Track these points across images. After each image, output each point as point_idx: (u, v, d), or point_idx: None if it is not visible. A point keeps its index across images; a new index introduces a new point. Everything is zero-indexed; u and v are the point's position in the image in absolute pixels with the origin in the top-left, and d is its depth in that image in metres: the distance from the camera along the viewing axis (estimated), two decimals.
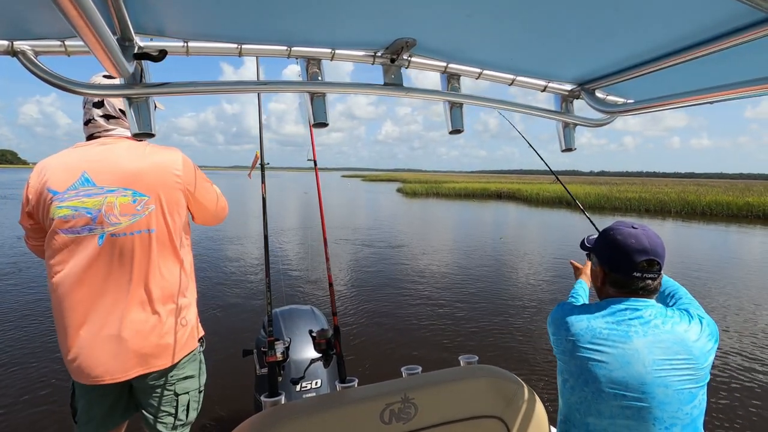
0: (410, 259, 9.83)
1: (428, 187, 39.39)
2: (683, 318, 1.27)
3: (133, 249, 1.55)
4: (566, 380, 1.28)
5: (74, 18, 0.57)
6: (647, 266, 1.26)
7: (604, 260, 1.34)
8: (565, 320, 1.32)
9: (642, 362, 1.18)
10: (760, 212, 21.81)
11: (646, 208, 24.45)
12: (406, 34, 1.00)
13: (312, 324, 2.38)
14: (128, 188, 1.55)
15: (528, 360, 4.56)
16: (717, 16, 0.83)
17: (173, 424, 1.71)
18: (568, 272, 8.23)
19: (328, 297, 2.21)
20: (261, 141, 2.33)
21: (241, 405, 3.40)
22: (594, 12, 0.86)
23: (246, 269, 8.52)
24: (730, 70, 1.06)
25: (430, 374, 1.33)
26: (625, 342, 1.21)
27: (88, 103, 1.64)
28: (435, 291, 7.11)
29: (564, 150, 1.39)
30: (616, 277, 1.30)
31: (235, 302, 6.36)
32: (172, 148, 1.69)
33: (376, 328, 5.36)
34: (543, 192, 31.61)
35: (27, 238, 1.70)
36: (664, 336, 1.21)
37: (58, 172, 1.54)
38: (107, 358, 1.53)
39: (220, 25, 0.94)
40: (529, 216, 21.11)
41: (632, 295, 1.29)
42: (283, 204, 24.94)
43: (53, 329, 1.61)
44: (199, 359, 1.78)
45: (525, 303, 6.54)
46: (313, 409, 1.15)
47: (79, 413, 1.67)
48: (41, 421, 3.35)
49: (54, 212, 1.51)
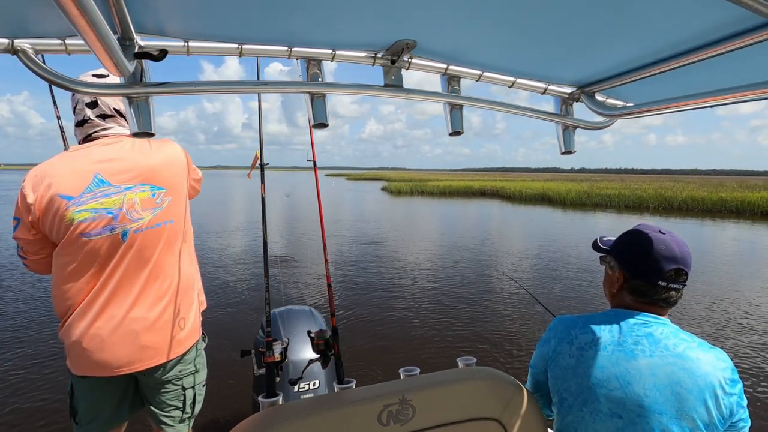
0: (409, 258, 9.78)
1: (413, 186, 39.37)
2: (703, 345, 1.11)
3: (157, 242, 1.58)
4: (564, 399, 1.20)
5: (75, 17, 0.56)
6: (674, 276, 1.13)
7: (626, 265, 1.20)
8: (569, 334, 1.22)
9: (642, 384, 1.08)
10: (733, 207, 22.30)
11: (626, 204, 24.82)
12: (407, 36, 0.99)
13: (310, 325, 2.37)
14: (146, 183, 1.57)
15: (527, 362, 4.51)
16: (717, 20, 0.82)
17: (180, 417, 1.73)
18: (568, 272, 8.30)
19: (326, 297, 2.19)
20: (261, 141, 2.32)
21: (239, 405, 3.39)
22: (595, 15, 0.85)
23: (244, 269, 8.44)
24: (731, 74, 1.06)
25: (428, 376, 1.31)
26: (629, 361, 1.10)
27: (80, 103, 1.60)
28: (434, 291, 7.06)
29: (564, 152, 1.37)
30: (637, 284, 1.17)
31: (234, 302, 6.30)
32: (169, 141, 1.72)
33: (375, 329, 5.32)
34: (526, 189, 31.93)
35: (25, 254, 1.59)
36: (672, 359, 1.08)
37: (67, 176, 1.49)
38: (127, 352, 1.53)
39: (220, 25, 0.92)
40: (518, 214, 21.26)
41: (651, 306, 1.17)
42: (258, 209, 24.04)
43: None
44: (203, 353, 1.81)
45: (525, 303, 6.52)
46: (310, 410, 1.13)
47: (82, 412, 1.63)
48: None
49: (72, 217, 1.47)
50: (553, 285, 7.56)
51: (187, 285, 1.69)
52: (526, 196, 30.46)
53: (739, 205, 22.26)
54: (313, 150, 2.41)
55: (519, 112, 1.25)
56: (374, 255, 10.10)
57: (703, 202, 23.46)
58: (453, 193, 35.79)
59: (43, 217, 1.48)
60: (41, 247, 1.56)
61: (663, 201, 24.46)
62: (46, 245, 1.55)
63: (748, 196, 23.17)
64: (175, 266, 1.64)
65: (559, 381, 1.22)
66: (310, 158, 2.44)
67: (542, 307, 1.52)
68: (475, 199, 30.52)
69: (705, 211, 22.59)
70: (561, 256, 10.17)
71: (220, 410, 3.36)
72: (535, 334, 5.23)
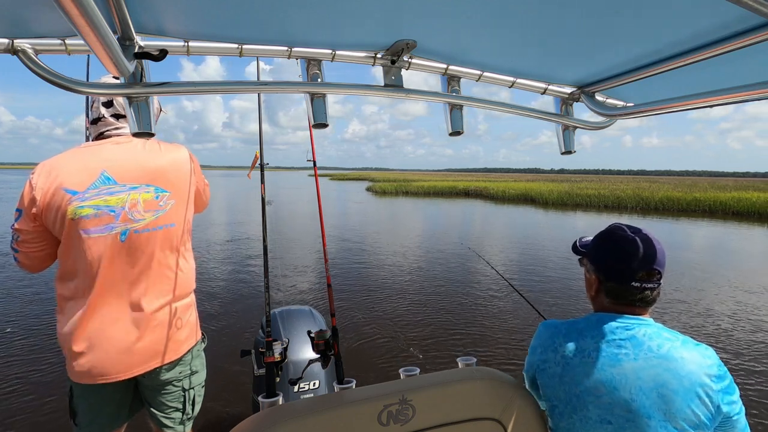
0: (408, 258, 9.69)
1: (397, 186, 39.23)
2: (687, 343, 1.08)
3: (155, 244, 1.55)
4: (555, 406, 1.18)
5: (75, 17, 0.55)
6: (646, 276, 1.11)
7: (599, 267, 1.18)
8: (553, 342, 1.19)
9: (628, 389, 1.05)
10: (707, 207, 22.68)
11: (605, 204, 25.11)
12: (407, 36, 0.97)
13: (310, 325, 2.35)
14: (150, 185, 1.55)
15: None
16: (717, 20, 0.81)
17: (181, 418, 1.71)
18: (567, 272, 8.25)
19: (326, 297, 2.16)
20: (261, 141, 2.28)
21: (239, 405, 3.34)
22: (595, 15, 0.84)
23: (244, 269, 8.33)
24: (731, 74, 1.05)
25: (428, 376, 1.29)
26: (614, 366, 1.07)
27: (97, 101, 1.61)
28: (434, 291, 7.00)
29: (564, 153, 1.36)
30: (612, 285, 1.14)
31: (233, 302, 6.21)
32: (179, 146, 1.71)
33: (375, 329, 5.26)
34: (509, 190, 32.15)
35: (18, 245, 1.54)
36: (656, 361, 1.05)
37: (74, 172, 1.48)
38: (125, 356, 1.50)
39: (220, 25, 0.90)
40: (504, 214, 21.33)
41: (629, 306, 1.14)
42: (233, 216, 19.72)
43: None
44: (202, 354, 1.79)
45: (525, 304, 6.44)
46: (310, 410, 1.11)
47: (81, 415, 1.60)
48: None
49: (74, 212, 1.45)
50: (547, 285, 7.54)
51: (185, 287, 1.67)
52: (510, 196, 30.63)
53: (711, 205, 22.67)
54: (313, 150, 2.38)
55: (519, 112, 1.23)
56: (373, 255, 10.00)
57: (679, 202, 23.83)
58: (438, 193, 35.77)
59: (46, 210, 1.46)
60: (39, 240, 1.52)
61: (641, 201, 24.77)
62: (45, 239, 1.52)
63: (720, 196, 23.64)
64: (173, 269, 1.61)
65: (548, 389, 1.19)
66: (310, 158, 2.42)
67: (538, 307, 1.49)
68: (460, 199, 30.58)
69: (680, 210, 22.97)
70: (548, 254, 10.25)
71: (220, 410, 3.31)
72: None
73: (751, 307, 6.26)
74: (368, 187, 42.87)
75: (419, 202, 27.99)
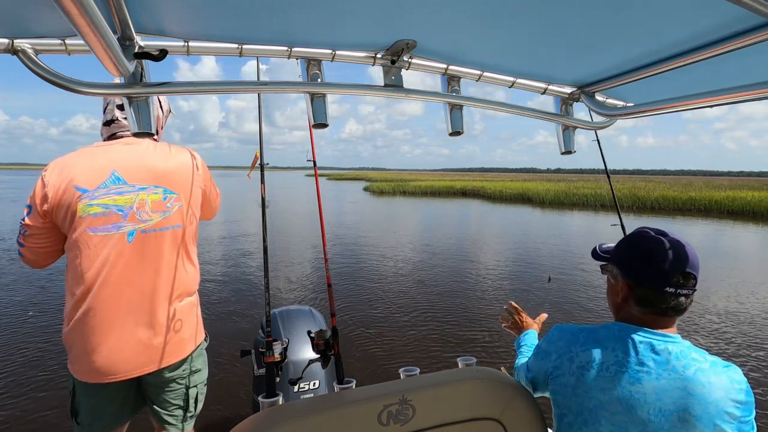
0: (408, 258, 9.67)
1: (395, 186, 39.12)
2: (716, 366, 0.99)
3: (162, 244, 1.57)
4: (564, 414, 1.12)
5: (75, 17, 0.55)
6: (683, 280, 1.01)
7: (629, 272, 1.08)
8: (570, 351, 1.11)
9: (646, 409, 0.98)
10: (702, 206, 22.74)
11: (602, 203, 25.11)
12: (407, 36, 0.97)
13: (310, 325, 2.34)
14: (159, 186, 1.57)
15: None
16: (717, 20, 0.81)
17: (183, 416, 1.71)
18: (567, 272, 8.23)
19: (326, 297, 2.15)
20: (261, 141, 2.27)
21: (239, 406, 3.33)
22: (594, 15, 0.83)
23: (244, 269, 8.31)
24: (730, 74, 1.05)
25: (428, 376, 1.28)
26: (633, 383, 1.00)
27: (111, 103, 1.63)
28: (434, 291, 6.97)
29: (564, 152, 1.35)
30: (644, 292, 1.05)
31: (233, 302, 6.18)
32: (189, 149, 1.73)
33: (375, 329, 5.23)
34: (506, 189, 32.13)
35: (24, 240, 1.55)
36: (680, 383, 0.97)
37: (86, 170, 1.50)
38: (132, 355, 1.51)
39: (220, 25, 0.90)
40: (502, 214, 21.33)
41: (659, 316, 1.05)
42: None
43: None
44: (204, 352, 1.80)
45: (525, 304, 6.40)
46: (310, 410, 1.10)
47: (83, 413, 1.59)
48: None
49: (83, 210, 1.47)
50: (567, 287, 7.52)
51: (190, 287, 1.68)
52: (507, 195, 30.61)
53: (707, 204, 22.72)
54: (313, 150, 2.37)
55: (519, 112, 1.23)
56: (373, 255, 9.95)
57: (674, 202, 23.87)
58: (435, 193, 35.72)
59: (57, 207, 1.47)
60: (46, 237, 1.54)
61: (637, 200, 24.78)
62: (51, 236, 1.54)
63: (715, 196, 23.68)
64: (179, 269, 1.62)
65: (559, 397, 1.13)
66: (310, 158, 2.41)
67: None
68: (458, 199, 30.54)
69: (676, 209, 23.00)
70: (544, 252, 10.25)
71: (220, 410, 3.30)
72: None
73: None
74: (366, 187, 42.66)
75: (417, 201, 27.96)
